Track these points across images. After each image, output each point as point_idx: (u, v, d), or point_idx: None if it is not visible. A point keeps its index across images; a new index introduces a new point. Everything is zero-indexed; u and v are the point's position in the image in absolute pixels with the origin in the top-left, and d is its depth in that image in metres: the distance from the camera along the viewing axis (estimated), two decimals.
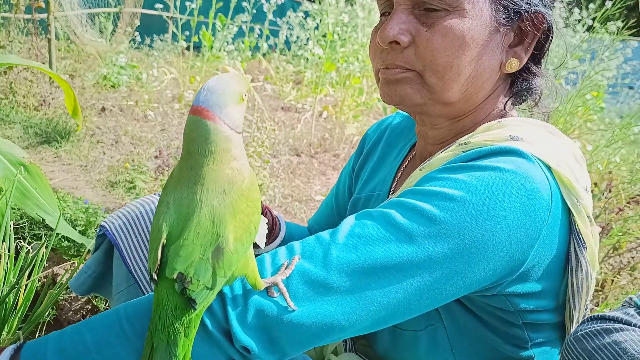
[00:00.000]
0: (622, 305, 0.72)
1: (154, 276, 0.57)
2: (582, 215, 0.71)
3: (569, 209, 0.71)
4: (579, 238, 0.71)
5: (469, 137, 0.76)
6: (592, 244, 0.73)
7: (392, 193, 0.92)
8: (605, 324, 0.66)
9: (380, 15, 0.84)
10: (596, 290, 1.97)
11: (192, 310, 0.57)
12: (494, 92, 0.82)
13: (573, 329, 0.79)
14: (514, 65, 0.79)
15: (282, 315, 0.61)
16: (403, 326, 0.80)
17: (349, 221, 0.68)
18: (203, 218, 0.56)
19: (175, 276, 0.56)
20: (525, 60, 0.79)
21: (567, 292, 0.75)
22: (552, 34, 0.79)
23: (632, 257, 2.21)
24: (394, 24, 0.75)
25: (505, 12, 0.75)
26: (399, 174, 0.94)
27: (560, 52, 0.88)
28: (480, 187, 0.64)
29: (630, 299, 0.72)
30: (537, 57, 0.81)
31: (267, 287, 0.63)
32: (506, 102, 0.83)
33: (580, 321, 0.79)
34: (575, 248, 0.72)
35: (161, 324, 0.57)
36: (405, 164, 0.95)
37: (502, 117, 0.83)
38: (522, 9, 0.76)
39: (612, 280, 1.94)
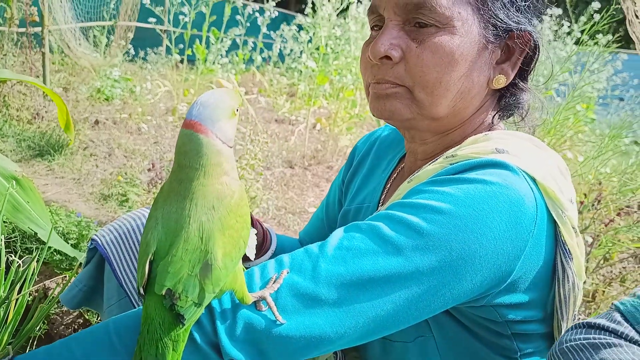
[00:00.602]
0: (607, 311, 0.72)
1: (142, 291, 0.58)
2: (568, 227, 0.72)
3: (555, 221, 0.72)
4: (565, 249, 0.72)
5: (456, 150, 0.77)
6: (579, 254, 0.74)
7: (381, 205, 0.93)
8: (591, 337, 0.65)
9: (371, 29, 0.85)
10: (587, 301, 1.97)
11: (181, 325, 0.57)
12: (482, 107, 0.83)
13: None
14: (501, 81, 0.80)
15: (270, 329, 0.62)
16: (393, 337, 0.81)
17: (337, 234, 0.69)
18: (192, 234, 0.56)
19: (163, 292, 0.56)
20: (512, 77, 0.81)
21: (555, 302, 0.76)
22: (539, 51, 0.81)
23: (624, 268, 2.23)
24: (385, 39, 0.77)
25: (494, 30, 0.77)
26: (388, 186, 0.95)
27: (550, 65, 0.90)
28: (467, 200, 0.65)
29: (613, 303, 0.71)
30: (524, 73, 0.83)
31: (255, 301, 0.64)
32: (494, 115, 0.85)
33: None
34: (561, 259, 0.73)
35: (149, 338, 0.57)
36: (394, 175, 0.96)
37: (489, 130, 0.84)
38: (510, 27, 0.77)
39: (604, 291, 1.95)
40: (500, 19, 0.76)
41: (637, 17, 1.60)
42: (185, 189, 0.57)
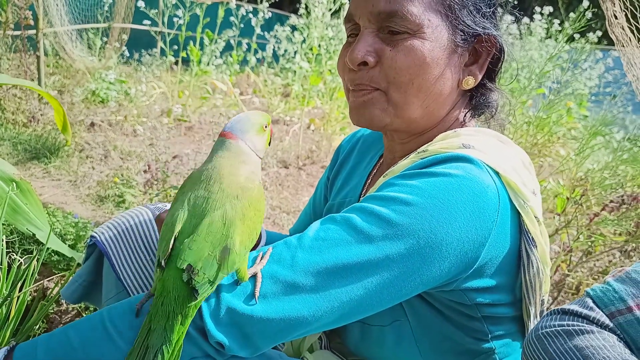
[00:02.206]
0: (580, 297, 0.76)
1: (162, 263, 0.64)
2: (530, 216, 0.77)
3: (518, 211, 0.77)
4: (529, 237, 0.78)
5: (428, 146, 0.83)
6: (542, 242, 0.79)
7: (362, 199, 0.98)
8: (565, 323, 0.69)
9: (348, 36, 0.90)
10: (572, 294, 2.03)
11: (193, 300, 0.63)
12: (454, 107, 0.89)
13: (532, 323, 0.84)
14: (470, 82, 0.86)
15: (253, 312, 0.67)
16: (370, 322, 0.86)
17: (314, 226, 0.74)
18: (216, 218, 0.64)
19: (185, 267, 0.62)
20: (480, 78, 0.87)
21: (522, 287, 0.81)
22: (504, 54, 0.87)
23: (610, 262, 2.28)
24: (362, 46, 0.82)
25: (462, 35, 0.83)
26: (369, 181, 1.01)
27: (542, 64, 0.96)
28: (433, 192, 0.71)
29: (585, 290, 0.76)
30: (491, 74, 0.89)
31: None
32: (465, 114, 0.90)
33: (537, 315, 0.85)
34: (525, 246, 0.78)
35: (163, 310, 0.63)
36: (374, 171, 1.01)
37: (460, 128, 0.89)
38: (477, 32, 0.83)
39: (588, 284, 2.00)
40: (468, 25, 0.82)
41: (615, 17, 1.65)
42: (214, 178, 0.66)
